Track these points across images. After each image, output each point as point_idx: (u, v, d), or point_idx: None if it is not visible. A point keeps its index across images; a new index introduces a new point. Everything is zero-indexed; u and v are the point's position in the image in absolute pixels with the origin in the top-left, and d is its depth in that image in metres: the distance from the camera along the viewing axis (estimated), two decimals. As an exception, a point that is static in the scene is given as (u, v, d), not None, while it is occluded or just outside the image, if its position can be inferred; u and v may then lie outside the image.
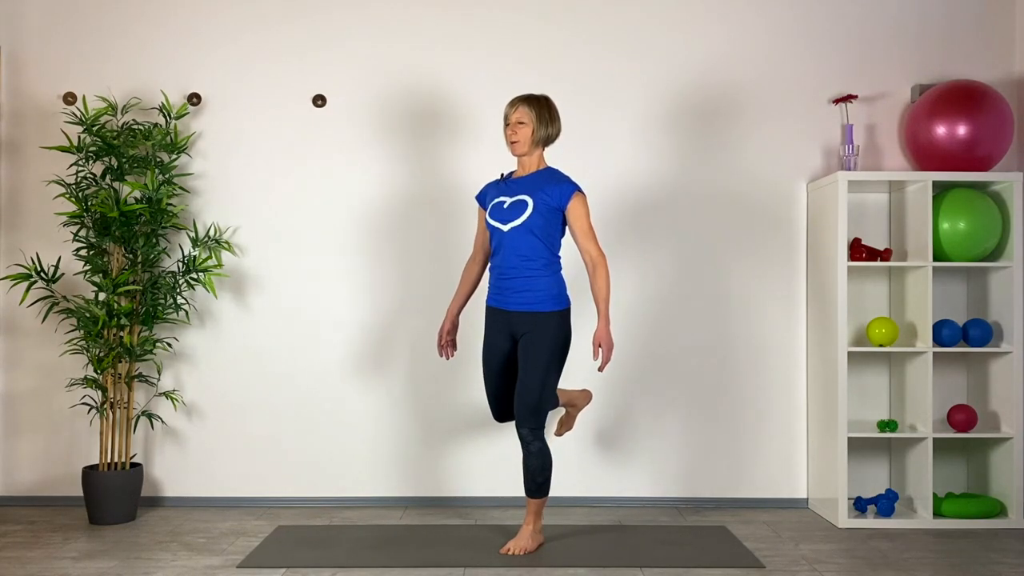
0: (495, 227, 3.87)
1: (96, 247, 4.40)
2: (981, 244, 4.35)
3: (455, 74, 4.71)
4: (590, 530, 4.23)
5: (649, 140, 4.71)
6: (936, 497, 4.42)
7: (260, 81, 4.71)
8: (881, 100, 4.72)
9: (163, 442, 4.70)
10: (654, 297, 4.70)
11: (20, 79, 4.72)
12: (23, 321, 4.68)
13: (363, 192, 4.70)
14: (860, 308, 4.67)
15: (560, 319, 3.83)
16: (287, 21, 4.72)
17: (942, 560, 3.81)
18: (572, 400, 4.15)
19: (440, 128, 4.71)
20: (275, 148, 4.71)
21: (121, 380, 4.43)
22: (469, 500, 4.67)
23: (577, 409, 4.20)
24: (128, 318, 4.35)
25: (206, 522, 4.39)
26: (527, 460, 3.82)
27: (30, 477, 4.70)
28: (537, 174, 3.90)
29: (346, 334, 4.69)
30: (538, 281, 3.81)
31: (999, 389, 4.44)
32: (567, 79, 4.68)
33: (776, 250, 4.70)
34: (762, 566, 3.71)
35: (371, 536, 4.12)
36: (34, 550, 3.94)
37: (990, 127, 4.37)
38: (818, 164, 4.71)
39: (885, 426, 4.41)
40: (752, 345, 4.68)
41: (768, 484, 4.68)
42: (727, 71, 4.71)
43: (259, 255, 4.71)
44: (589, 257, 3.82)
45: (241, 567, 3.70)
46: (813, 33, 4.72)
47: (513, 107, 3.88)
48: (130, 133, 4.46)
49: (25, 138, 4.71)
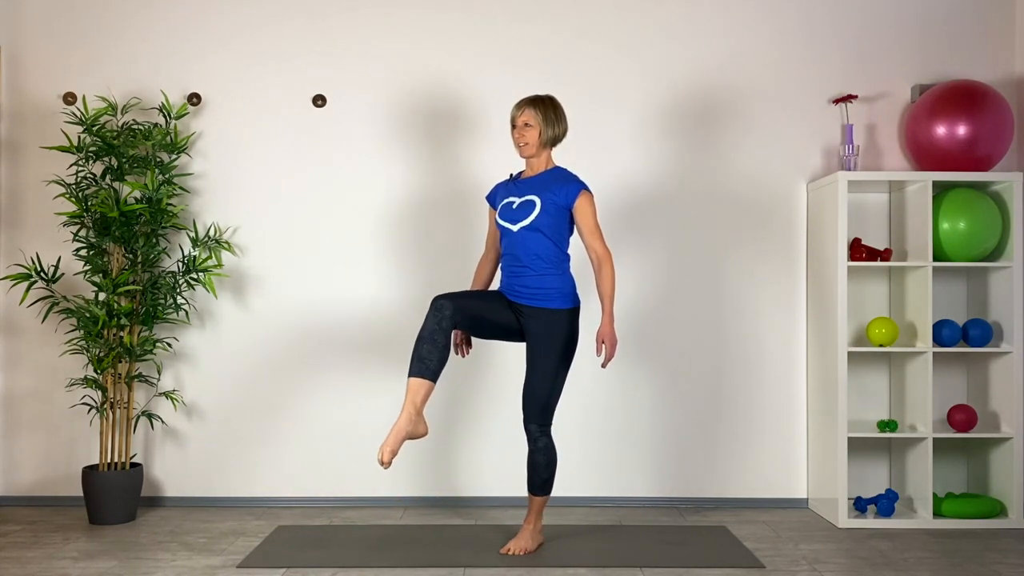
0: (505, 227, 3.88)
1: (96, 247, 4.39)
2: (981, 244, 4.35)
3: (456, 74, 4.71)
4: (590, 530, 4.23)
5: (649, 140, 4.71)
6: (936, 497, 4.42)
7: (260, 81, 4.72)
8: (881, 100, 4.72)
9: (163, 442, 4.70)
10: (654, 297, 4.70)
11: (20, 79, 4.72)
12: (23, 321, 4.68)
13: (364, 192, 4.70)
14: (860, 308, 4.67)
15: (570, 317, 3.85)
16: (287, 21, 4.72)
17: (942, 560, 3.81)
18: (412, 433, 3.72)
19: (441, 128, 4.71)
20: (275, 148, 4.71)
21: (121, 380, 4.43)
22: (469, 500, 4.67)
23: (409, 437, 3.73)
24: (128, 318, 4.35)
25: (206, 522, 4.39)
26: (533, 455, 3.83)
27: (30, 477, 4.70)
28: (545, 174, 3.91)
29: (346, 334, 4.69)
30: (549, 279, 3.83)
31: (999, 389, 4.44)
32: (567, 79, 4.68)
33: (776, 250, 4.70)
34: (762, 566, 3.71)
35: (371, 536, 4.12)
36: (34, 550, 3.94)
37: (990, 127, 4.37)
38: (818, 164, 4.71)
39: (885, 426, 4.41)
40: (752, 345, 4.68)
41: (768, 484, 4.68)
42: (727, 71, 4.71)
43: (259, 255, 4.71)
44: (595, 254, 3.83)
45: (241, 567, 3.70)
46: (813, 33, 4.72)
47: (519, 109, 3.88)
48: (130, 133, 4.46)
49: (25, 138, 4.71)
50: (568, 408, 4.53)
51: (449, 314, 3.66)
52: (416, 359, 3.64)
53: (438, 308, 3.67)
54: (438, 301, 3.69)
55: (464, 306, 3.72)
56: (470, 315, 3.75)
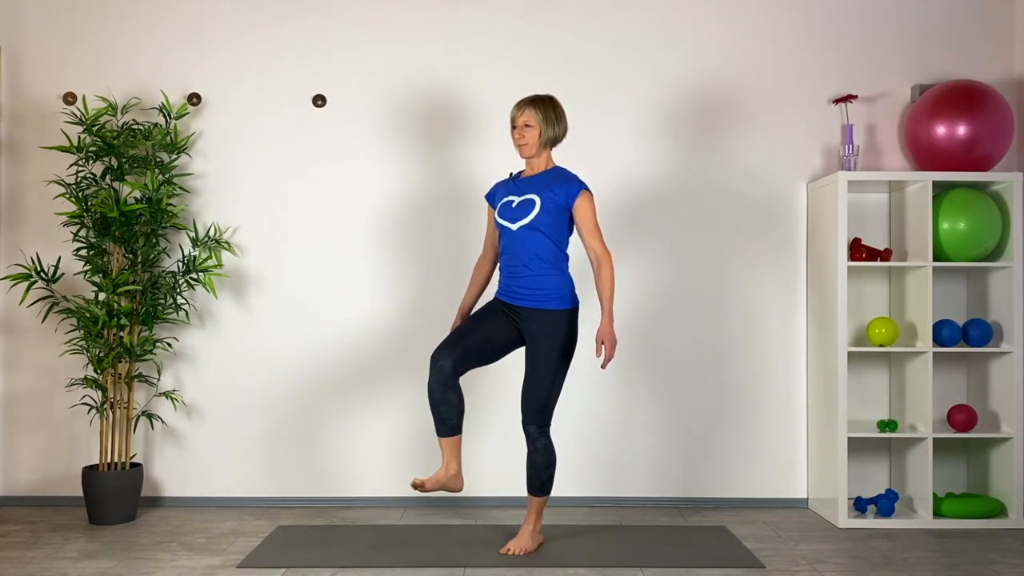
0: (504, 226, 3.88)
1: (96, 247, 4.39)
2: (981, 244, 4.35)
3: (456, 74, 4.71)
4: (590, 530, 4.23)
5: (650, 140, 4.71)
6: (936, 497, 4.42)
7: (260, 81, 4.72)
8: (881, 100, 4.72)
9: (163, 442, 4.70)
10: (654, 296, 4.70)
11: (20, 79, 4.72)
12: (23, 321, 4.68)
13: (364, 192, 4.70)
14: (860, 308, 4.67)
15: (569, 317, 3.84)
16: (287, 21, 4.72)
17: (942, 560, 3.81)
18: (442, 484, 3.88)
19: (442, 128, 4.71)
20: (275, 148, 4.71)
21: (121, 380, 4.43)
22: (469, 500, 4.66)
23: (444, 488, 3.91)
24: (128, 318, 4.35)
25: (206, 522, 4.39)
26: (532, 456, 3.83)
27: (30, 477, 4.70)
28: (545, 173, 3.91)
29: (347, 334, 4.69)
30: (547, 279, 3.82)
31: (999, 389, 4.44)
32: (567, 78, 4.68)
33: (776, 250, 4.70)
34: (762, 566, 3.71)
35: (371, 536, 4.12)
36: (34, 550, 3.94)
37: (990, 127, 4.37)
38: (818, 164, 4.71)
39: (885, 426, 4.41)
40: (752, 345, 4.68)
41: (768, 484, 4.68)
42: (727, 71, 4.71)
43: (259, 255, 4.71)
44: (594, 254, 3.83)
45: (241, 567, 3.71)
46: (813, 33, 4.72)
47: (519, 110, 3.88)
48: (130, 133, 4.46)
49: (25, 138, 4.71)
50: (568, 408, 4.53)
51: (450, 371, 3.75)
52: (439, 421, 3.80)
53: (439, 370, 3.75)
54: (437, 362, 3.75)
55: (463, 355, 3.79)
56: (472, 358, 3.83)
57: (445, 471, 3.82)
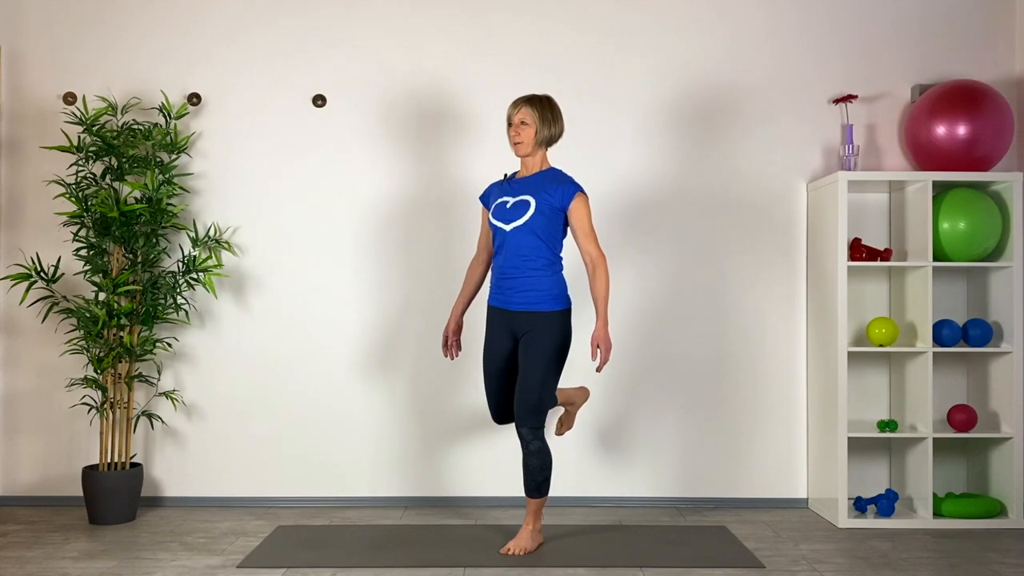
0: (498, 227, 3.87)
1: (96, 247, 4.39)
2: (981, 244, 4.35)
3: (457, 74, 4.71)
4: (590, 530, 4.23)
5: (650, 140, 4.71)
6: (936, 497, 4.42)
7: (260, 81, 4.72)
8: (881, 100, 4.72)
9: (163, 442, 4.70)
10: (654, 297, 4.70)
11: (20, 79, 4.72)
12: (23, 321, 4.68)
13: (364, 192, 4.71)
14: (860, 308, 4.67)
15: (561, 319, 3.84)
16: (287, 20, 4.72)
17: (942, 560, 3.81)
18: (570, 398, 4.15)
19: (442, 128, 4.71)
20: (275, 148, 4.71)
21: (121, 380, 4.43)
22: (469, 500, 4.67)
23: (576, 407, 4.20)
24: (128, 318, 4.35)
25: (206, 522, 4.39)
26: (527, 459, 3.83)
27: (30, 477, 4.70)
28: (540, 174, 3.90)
29: (347, 334, 4.69)
30: (540, 281, 3.82)
31: (999, 389, 4.44)
32: (567, 79, 4.68)
33: (776, 250, 4.70)
34: (762, 566, 3.72)
35: (371, 536, 4.12)
36: (34, 550, 3.94)
37: (990, 127, 4.37)
38: (818, 164, 4.71)
39: (885, 426, 4.41)
40: (752, 345, 4.68)
41: (768, 484, 4.68)
42: (727, 71, 4.71)
43: (259, 255, 4.71)
44: (589, 257, 3.83)
45: (241, 567, 3.71)
46: (813, 33, 4.72)
47: (516, 108, 3.88)
48: (130, 133, 4.46)
49: (25, 138, 4.71)
50: (568, 408, 4.53)
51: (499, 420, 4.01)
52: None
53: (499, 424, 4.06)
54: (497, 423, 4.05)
55: (500, 410, 3.99)
56: (506, 401, 3.97)
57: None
